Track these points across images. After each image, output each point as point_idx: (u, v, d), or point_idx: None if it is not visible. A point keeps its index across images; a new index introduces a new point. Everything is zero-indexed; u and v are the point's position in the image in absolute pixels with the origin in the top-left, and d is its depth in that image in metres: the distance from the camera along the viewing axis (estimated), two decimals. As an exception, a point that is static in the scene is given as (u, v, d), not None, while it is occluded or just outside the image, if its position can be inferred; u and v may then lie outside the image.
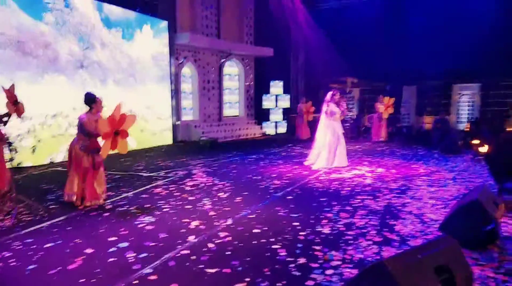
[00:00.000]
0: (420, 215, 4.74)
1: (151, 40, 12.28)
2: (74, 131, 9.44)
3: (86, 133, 5.12)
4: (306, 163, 8.42)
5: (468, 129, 15.25)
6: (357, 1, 16.75)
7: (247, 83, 16.81)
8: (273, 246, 3.77)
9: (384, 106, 13.30)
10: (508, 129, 15.39)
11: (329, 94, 8.35)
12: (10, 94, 4.95)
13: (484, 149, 9.62)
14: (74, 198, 5.11)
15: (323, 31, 17.39)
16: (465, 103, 20.13)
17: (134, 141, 11.27)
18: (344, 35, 17.21)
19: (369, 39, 17.00)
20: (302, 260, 3.45)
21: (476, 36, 15.77)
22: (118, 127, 4.82)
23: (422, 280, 2.33)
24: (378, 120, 13.63)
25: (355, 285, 2.38)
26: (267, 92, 16.86)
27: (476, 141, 10.98)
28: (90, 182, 5.11)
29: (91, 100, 5.21)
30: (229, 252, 3.64)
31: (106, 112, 5.30)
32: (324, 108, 8.28)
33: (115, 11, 11.04)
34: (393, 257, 2.49)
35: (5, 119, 4.96)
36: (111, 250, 3.69)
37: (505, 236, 4.03)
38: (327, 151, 8.05)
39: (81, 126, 5.13)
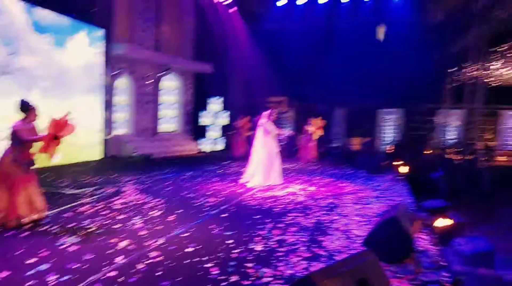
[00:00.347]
0: (346, 231, 5.02)
1: (85, 48, 11.75)
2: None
3: (20, 142, 4.72)
4: (241, 181, 8.51)
5: (391, 151, 16.48)
6: (295, 26, 17.60)
7: (186, 98, 16.69)
8: (206, 265, 3.75)
9: (313, 128, 13.62)
10: (426, 152, 16.92)
11: (266, 112, 8.59)
12: None
13: (404, 169, 10.48)
14: (1, 215, 4.63)
15: (261, 51, 17.94)
16: (388, 126, 21.80)
17: (59, 155, 10.58)
18: (281, 57, 17.93)
19: (304, 62, 17.88)
20: (234, 278, 3.48)
21: (399, 65, 17.36)
22: (60, 132, 4.73)
23: (346, 293, 2.48)
24: (307, 141, 13.94)
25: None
26: (206, 108, 16.88)
27: (397, 162, 11.92)
28: (18, 197, 4.67)
29: (26, 107, 4.90)
30: (160, 273, 3.55)
31: (41, 122, 5.03)
32: (261, 126, 8.48)
33: (48, 16, 10.43)
34: (319, 271, 2.61)
35: None
36: (29, 273, 3.41)
37: (420, 250, 4.39)
38: (262, 169, 8.21)
39: (15, 135, 4.72)
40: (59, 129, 4.68)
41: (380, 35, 16.09)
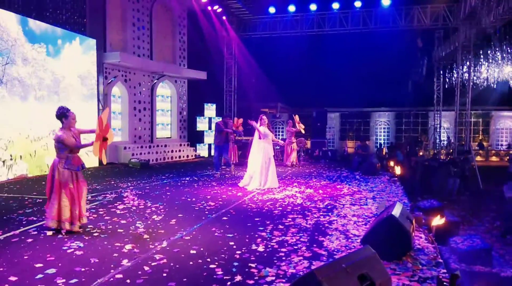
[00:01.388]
0: (345, 231, 5.13)
1: (78, 57, 11.83)
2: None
3: (68, 150, 4.87)
4: (240, 184, 8.61)
5: (385, 153, 16.68)
6: (287, 32, 17.80)
7: (180, 105, 16.78)
8: (210, 266, 3.83)
9: (296, 124, 13.23)
10: (420, 153, 17.16)
11: (260, 117, 8.68)
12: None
13: (398, 171, 10.66)
14: (67, 224, 4.81)
15: (255, 58, 18.15)
16: (381, 129, 22.02)
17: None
18: (274, 63, 18.15)
19: (297, 68, 18.13)
20: (238, 278, 3.55)
21: (392, 71, 17.63)
22: (105, 133, 4.87)
23: (348, 287, 2.59)
24: (289, 145, 13.43)
25: (289, 296, 2.55)
26: (201, 114, 16.98)
27: (391, 164, 12.10)
28: (77, 202, 4.90)
29: (62, 114, 4.93)
30: (165, 274, 3.62)
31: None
32: (255, 131, 8.56)
33: (41, 27, 10.52)
34: (322, 267, 2.71)
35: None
36: (38, 277, 3.47)
37: (417, 248, 4.51)
38: (259, 172, 8.31)
39: (61, 144, 4.84)
40: (106, 130, 4.87)
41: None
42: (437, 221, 5.29)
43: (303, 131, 13.42)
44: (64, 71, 11.32)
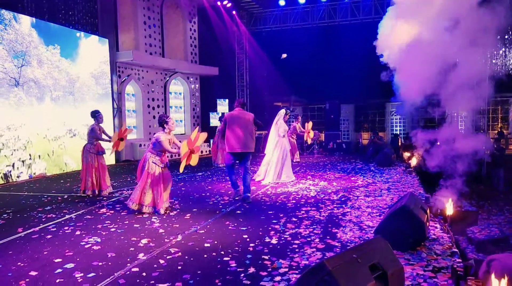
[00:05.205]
0: (359, 223, 5.11)
1: (91, 57, 12.01)
2: (7, 152, 8.93)
3: (161, 150, 5.66)
4: (255, 179, 8.64)
5: (400, 143, 16.45)
6: (294, 26, 17.66)
7: (193, 101, 16.89)
8: (224, 259, 3.88)
9: (306, 134, 11.91)
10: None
11: (280, 112, 8.64)
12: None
13: (414, 161, 10.52)
14: (148, 208, 5.64)
15: (266, 52, 18.07)
16: (397, 119, 21.72)
17: (73, 162, 10.82)
18: (285, 57, 17.98)
19: (309, 60, 17.95)
20: (251, 270, 3.60)
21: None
22: (193, 145, 5.60)
23: (359, 277, 2.59)
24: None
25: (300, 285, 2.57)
26: (214, 110, 17.04)
27: (407, 154, 11.95)
28: (161, 191, 5.67)
29: (163, 121, 5.73)
30: (180, 267, 3.69)
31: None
32: (274, 126, 8.53)
33: (54, 28, 10.71)
34: (332, 257, 2.72)
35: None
36: (57, 271, 3.58)
37: (432, 238, 4.47)
38: (275, 166, 8.31)
39: (158, 144, 5.61)
40: (192, 144, 5.53)
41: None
42: (450, 209, 5.23)
43: (309, 141, 12.26)
44: (79, 71, 11.52)
